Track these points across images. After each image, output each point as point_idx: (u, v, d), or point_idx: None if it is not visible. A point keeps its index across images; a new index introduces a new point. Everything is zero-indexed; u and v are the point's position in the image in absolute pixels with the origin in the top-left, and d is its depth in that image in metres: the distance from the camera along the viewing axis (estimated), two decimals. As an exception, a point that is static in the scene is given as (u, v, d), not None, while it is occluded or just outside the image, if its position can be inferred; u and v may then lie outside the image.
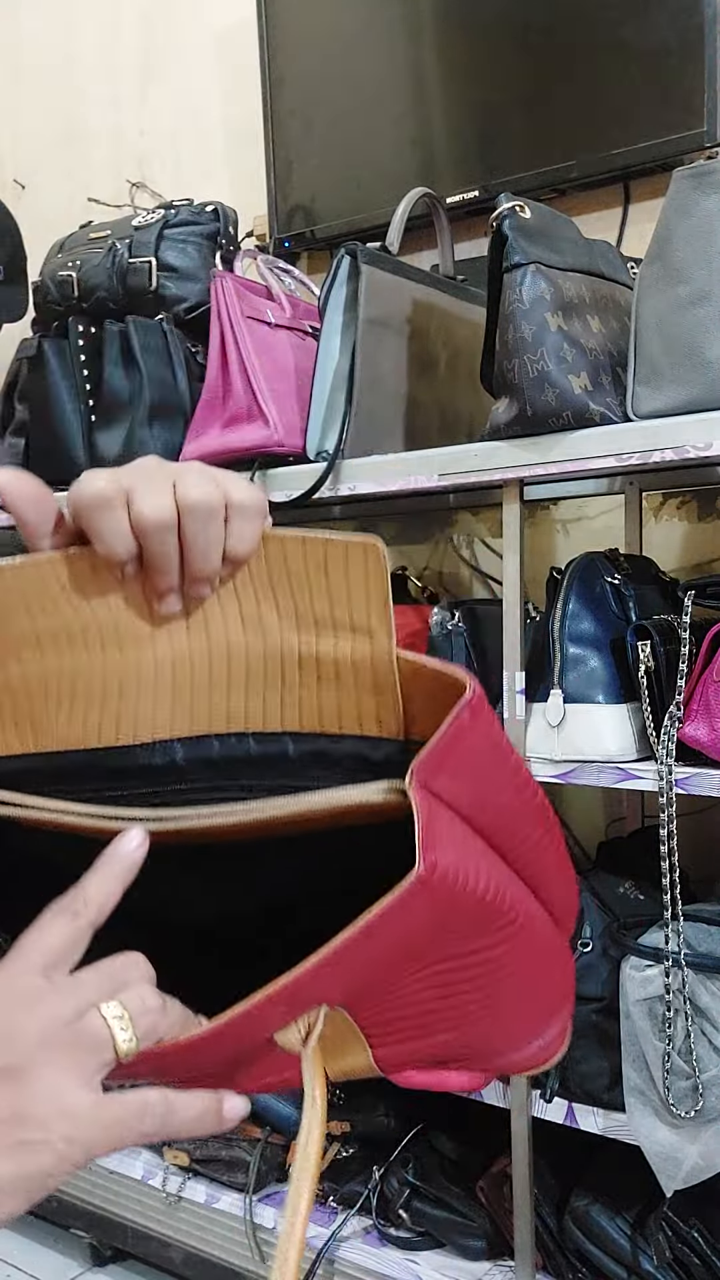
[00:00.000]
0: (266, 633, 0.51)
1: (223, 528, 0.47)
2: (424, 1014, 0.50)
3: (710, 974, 1.12)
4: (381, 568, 0.49)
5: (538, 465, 1.20)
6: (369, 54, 1.79)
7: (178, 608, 0.49)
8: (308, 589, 0.49)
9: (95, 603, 0.48)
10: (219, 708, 0.53)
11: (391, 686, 0.51)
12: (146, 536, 0.46)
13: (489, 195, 1.66)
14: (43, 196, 2.36)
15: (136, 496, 0.46)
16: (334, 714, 0.53)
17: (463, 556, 1.84)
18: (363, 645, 0.50)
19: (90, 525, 0.46)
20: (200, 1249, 1.60)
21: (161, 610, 0.49)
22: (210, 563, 0.48)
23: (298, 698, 0.53)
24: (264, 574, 0.49)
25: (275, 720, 0.53)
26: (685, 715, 1.13)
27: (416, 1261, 1.41)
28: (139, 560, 0.47)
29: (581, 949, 1.25)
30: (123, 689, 0.51)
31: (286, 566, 0.49)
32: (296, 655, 0.51)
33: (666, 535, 1.64)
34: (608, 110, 1.56)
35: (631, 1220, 1.29)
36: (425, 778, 0.46)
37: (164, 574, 0.48)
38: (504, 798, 0.50)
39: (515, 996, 0.52)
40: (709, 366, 1.11)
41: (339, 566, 0.48)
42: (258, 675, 0.52)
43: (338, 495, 1.37)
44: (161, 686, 0.52)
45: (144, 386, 1.57)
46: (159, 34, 2.18)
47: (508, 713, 1.26)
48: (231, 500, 0.47)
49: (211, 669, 0.52)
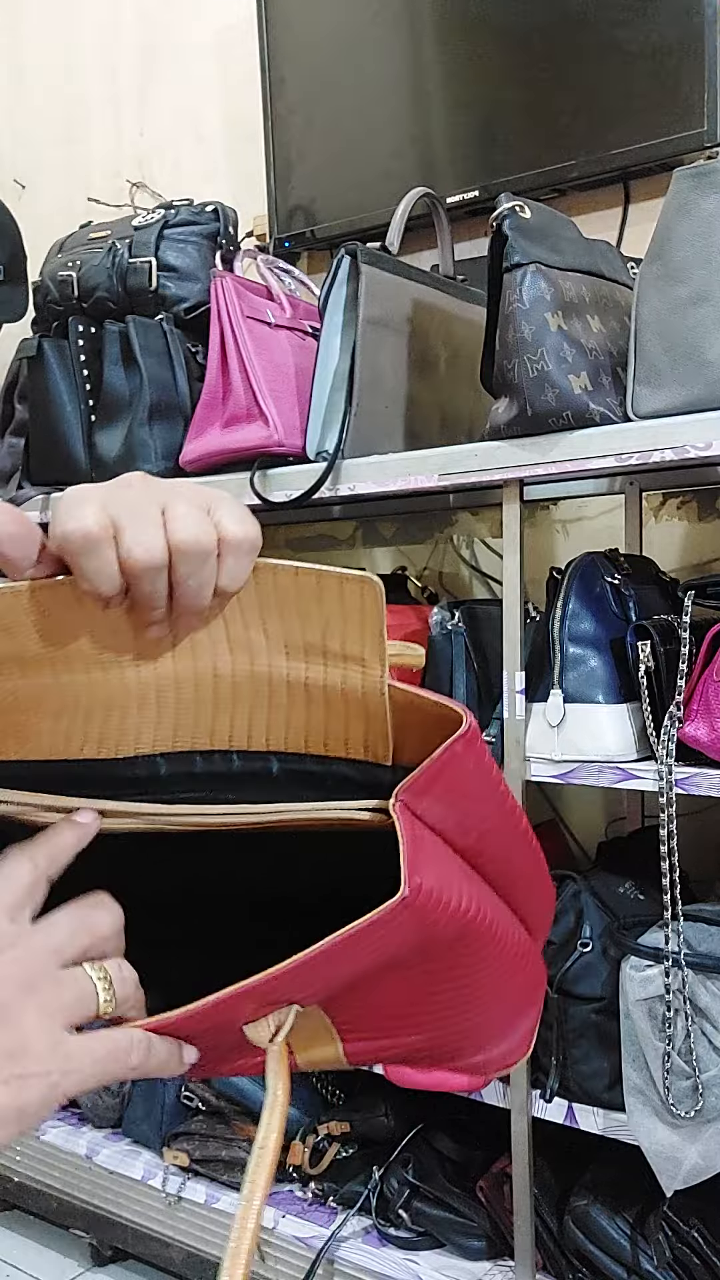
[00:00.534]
0: (254, 656, 0.50)
1: (215, 567, 0.45)
2: (397, 1016, 0.51)
3: (710, 974, 1.12)
4: (378, 604, 0.48)
5: (538, 465, 1.20)
6: (369, 54, 1.79)
7: (164, 635, 0.48)
8: (298, 617, 0.49)
9: (80, 629, 0.48)
10: (203, 725, 0.53)
11: (381, 715, 0.51)
12: (136, 578, 0.44)
13: (489, 195, 1.66)
14: (43, 196, 2.36)
15: (126, 536, 0.44)
16: (320, 737, 0.53)
17: (463, 556, 1.84)
18: (354, 674, 0.50)
19: (76, 566, 0.44)
20: (200, 1249, 1.60)
21: (148, 636, 0.48)
22: (201, 601, 0.46)
23: (285, 719, 0.52)
24: (254, 601, 0.48)
25: (260, 740, 0.53)
26: (685, 715, 1.13)
27: (416, 1261, 1.41)
28: (126, 593, 0.46)
29: (581, 949, 1.25)
30: (107, 707, 0.51)
31: (277, 595, 0.48)
32: (285, 679, 0.51)
33: (666, 535, 1.64)
34: (608, 110, 1.56)
35: (631, 1220, 1.29)
36: (409, 799, 0.46)
37: (153, 610, 0.46)
38: (489, 824, 0.51)
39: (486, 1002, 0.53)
40: (709, 366, 1.11)
41: (333, 598, 0.48)
42: (244, 696, 0.52)
43: (338, 495, 1.37)
44: (146, 705, 0.52)
45: (144, 386, 1.57)
46: (159, 34, 2.18)
47: (507, 713, 1.26)
48: (225, 537, 0.45)
49: (197, 689, 0.51)
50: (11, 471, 1.73)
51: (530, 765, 1.25)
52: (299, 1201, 1.55)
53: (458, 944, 0.48)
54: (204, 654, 0.50)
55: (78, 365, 1.63)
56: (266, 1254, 1.51)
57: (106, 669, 0.50)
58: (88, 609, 0.46)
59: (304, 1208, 1.54)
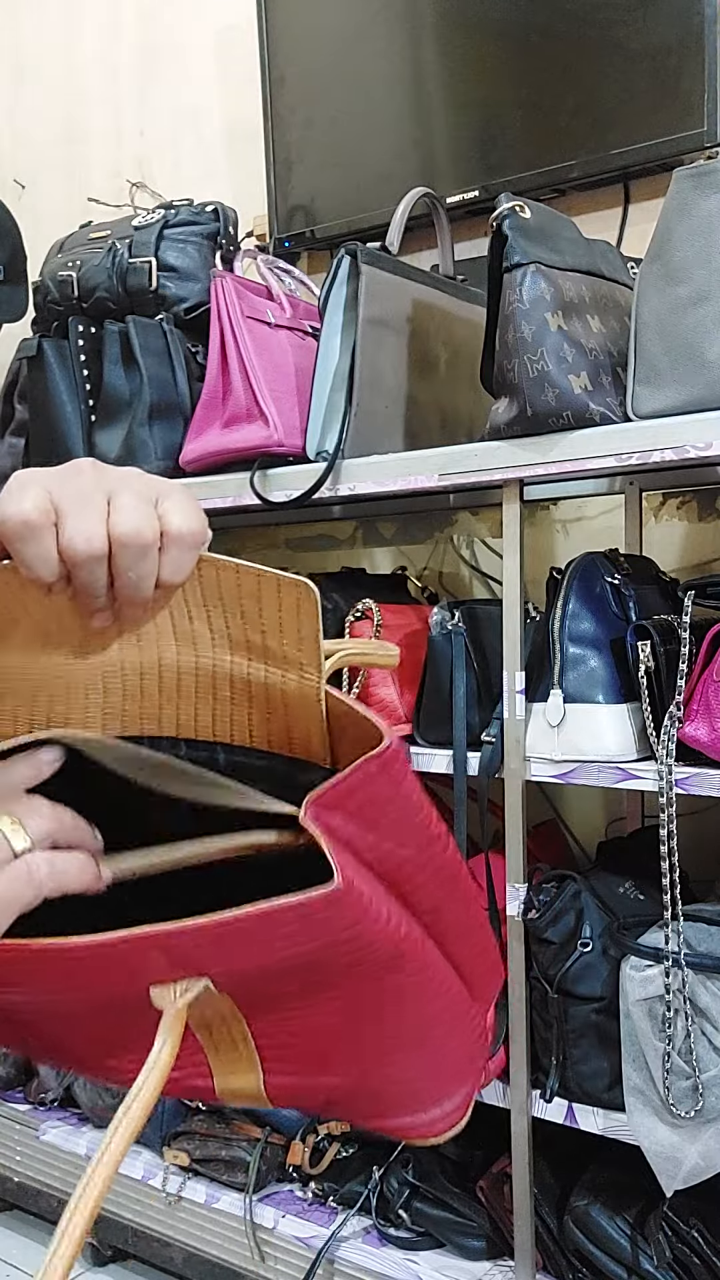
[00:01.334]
0: (199, 649, 0.51)
1: (156, 559, 0.45)
2: (319, 1044, 0.49)
3: (710, 974, 1.12)
4: (313, 608, 0.48)
5: (538, 465, 1.20)
6: (369, 54, 1.79)
7: (109, 623, 0.48)
8: (240, 616, 0.49)
9: (22, 614, 0.48)
10: (150, 713, 0.53)
11: (318, 719, 0.51)
12: (76, 567, 0.44)
13: (489, 195, 1.66)
14: (43, 196, 2.36)
15: (67, 523, 0.43)
16: (263, 733, 0.53)
17: (463, 556, 1.84)
18: (292, 677, 0.50)
19: (15, 553, 0.44)
20: (200, 1249, 1.60)
21: (92, 625, 0.48)
22: (141, 593, 0.46)
23: (229, 713, 0.53)
24: (199, 595, 0.48)
25: (207, 731, 0.53)
26: (685, 715, 1.13)
27: (416, 1261, 1.41)
28: (68, 580, 0.45)
29: (581, 949, 1.25)
30: (52, 690, 0.51)
31: (220, 591, 0.48)
32: (228, 674, 0.51)
33: (666, 535, 1.64)
34: (608, 110, 1.56)
35: (631, 1220, 1.29)
36: (318, 812, 0.45)
37: (94, 599, 0.46)
38: (406, 851, 0.49)
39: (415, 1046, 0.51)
40: (709, 366, 1.11)
41: (272, 599, 0.48)
42: (189, 688, 0.52)
43: (338, 495, 1.37)
44: (92, 690, 0.52)
45: (144, 386, 1.57)
46: (159, 34, 2.18)
47: (507, 713, 1.26)
48: (168, 530, 0.45)
49: (143, 678, 0.52)
50: (11, 471, 1.73)
51: (530, 765, 1.25)
52: (299, 1201, 1.55)
53: (388, 971, 0.47)
54: (150, 644, 0.50)
55: (78, 365, 1.63)
56: (267, 1254, 1.51)
57: (52, 654, 0.50)
58: (32, 594, 0.46)
59: (304, 1208, 1.54)
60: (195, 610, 0.49)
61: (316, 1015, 0.48)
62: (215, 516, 1.64)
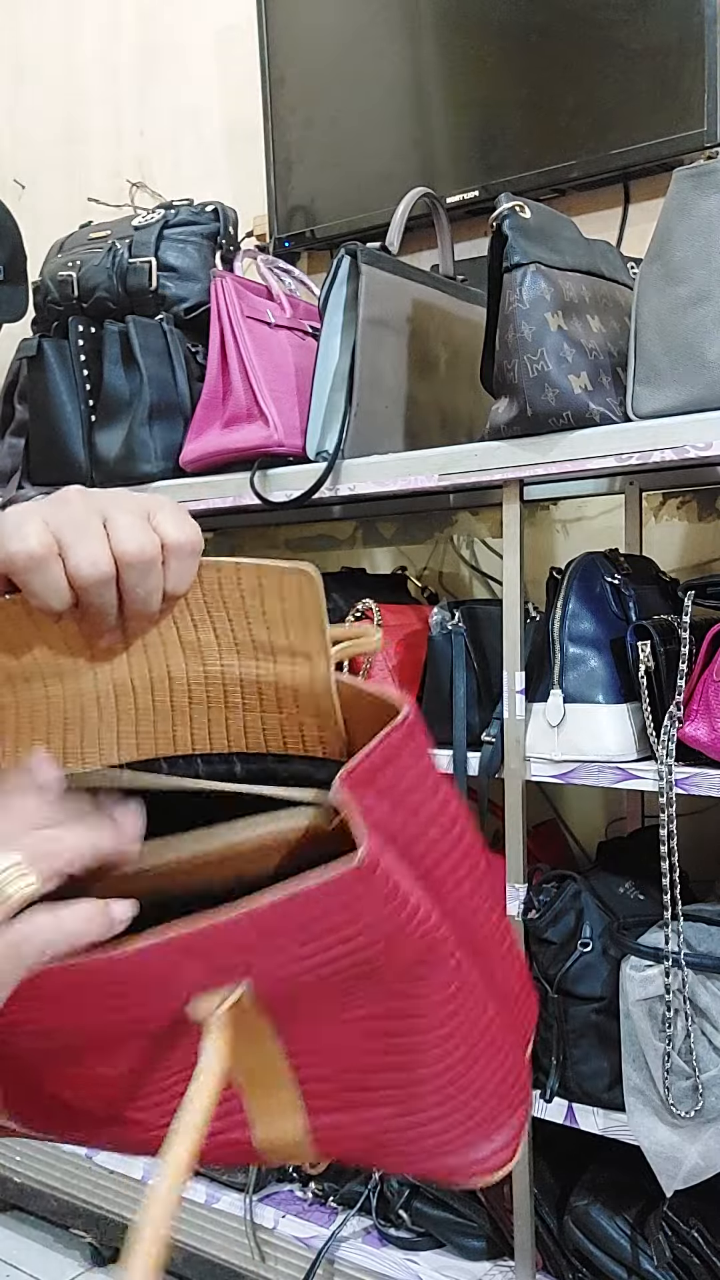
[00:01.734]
0: (206, 658, 0.51)
1: (161, 574, 0.46)
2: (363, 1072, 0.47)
3: (710, 974, 1.12)
4: (316, 594, 0.48)
5: (538, 465, 1.20)
6: (369, 54, 1.79)
7: (117, 640, 0.49)
8: (244, 615, 0.49)
9: (33, 644, 0.48)
10: (164, 733, 0.53)
11: (330, 710, 0.51)
12: (85, 592, 0.45)
13: (489, 195, 1.66)
14: (43, 196, 2.36)
15: (71, 551, 0.44)
16: (278, 735, 0.53)
17: (463, 556, 1.84)
18: (301, 670, 0.50)
19: (24, 585, 0.45)
20: (200, 1249, 1.60)
21: (101, 645, 0.49)
22: (150, 607, 0.47)
23: (241, 720, 0.53)
24: (200, 601, 0.49)
25: (221, 742, 0.53)
26: (685, 715, 1.13)
27: (416, 1261, 1.41)
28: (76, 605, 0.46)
29: (581, 949, 1.25)
30: (67, 721, 0.51)
31: (222, 593, 0.48)
32: (237, 679, 0.51)
33: (666, 535, 1.64)
34: (608, 110, 1.56)
35: (631, 1220, 1.29)
36: (354, 785, 0.44)
37: (105, 620, 0.47)
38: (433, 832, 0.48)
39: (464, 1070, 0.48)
40: (709, 366, 1.11)
41: (274, 593, 0.48)
42: (200, 700, 0.52)
43: (338, 495, 1.37)
44: (106, 716, 0.52)
45: (144, 386, 1.57)
46: (159, 34, 2.18)
47: (507, 713, 1.26)
48: (168, 543, 0.46)
49: (154, 696, 0.52)
50: (11, 472, 1.73)
51: (530, 765, 1.25)
52: (299, 1201, 1.55)
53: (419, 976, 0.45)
54: (157, 658, 0.51)
55: (78, 365, 1.63)
56: (267, 1254, 1.51)
57: (64, 681, 0.50)
58: (39, 623, 0.47)
59: (304, 1208, 1.54)
60: (199, 619, 0.49)
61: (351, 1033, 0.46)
62: (215, 516, 1.64)
